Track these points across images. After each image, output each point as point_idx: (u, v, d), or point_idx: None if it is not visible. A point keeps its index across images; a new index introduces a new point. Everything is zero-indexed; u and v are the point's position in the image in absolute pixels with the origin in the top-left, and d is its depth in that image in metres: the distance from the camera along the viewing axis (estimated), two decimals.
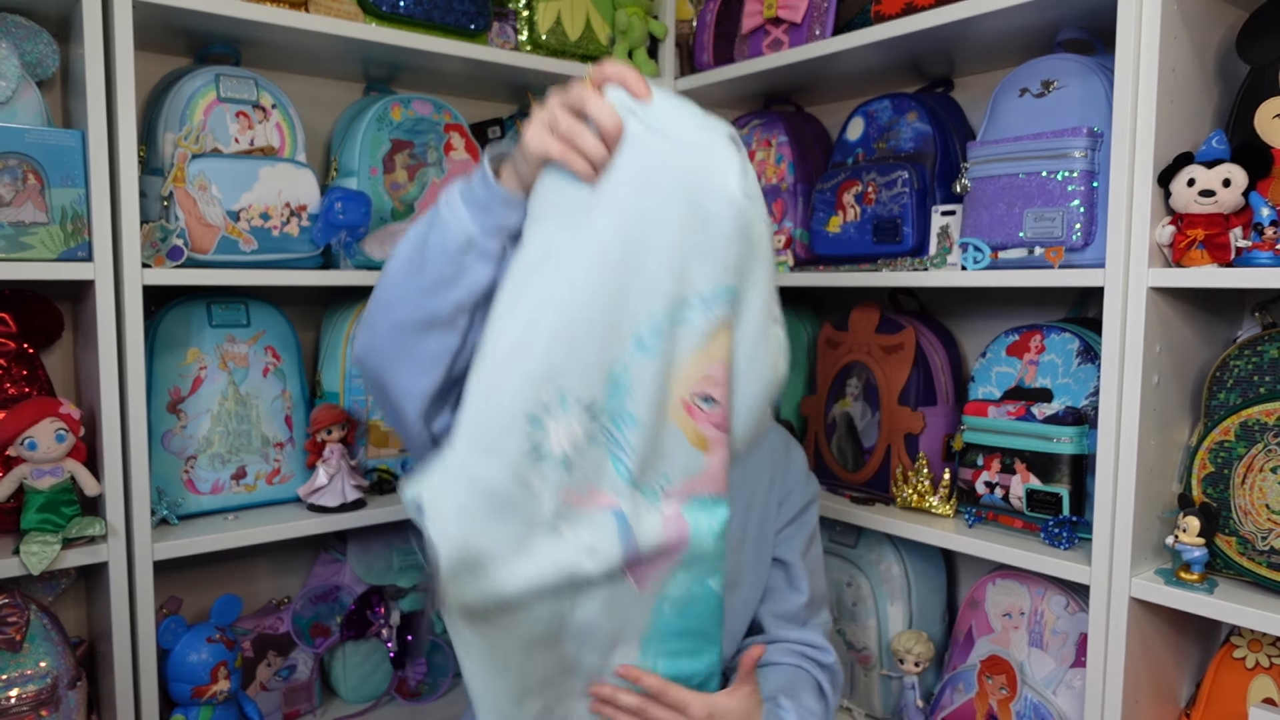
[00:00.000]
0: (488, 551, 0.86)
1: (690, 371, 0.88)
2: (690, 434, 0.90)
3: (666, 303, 0.85)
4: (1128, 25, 1.14)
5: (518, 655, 0.91)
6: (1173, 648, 1.27)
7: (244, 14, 1.32)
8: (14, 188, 1.20)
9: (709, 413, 0.89)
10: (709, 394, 0.89)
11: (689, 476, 0.91)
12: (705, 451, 0.91)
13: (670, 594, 0.94)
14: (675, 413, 0.89)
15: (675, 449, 0.90)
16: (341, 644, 1.62)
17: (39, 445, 1.24)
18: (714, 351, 0.88)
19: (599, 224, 0.84)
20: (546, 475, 0.86)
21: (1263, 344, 1.21)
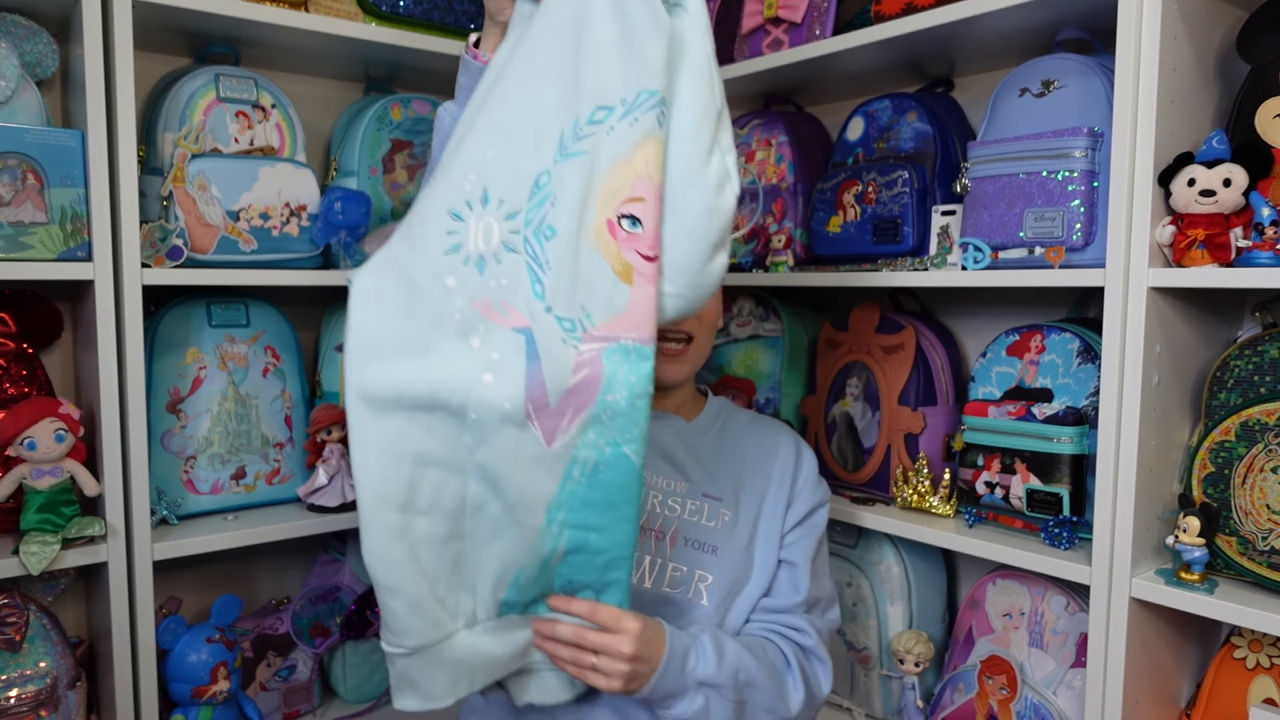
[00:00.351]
0: (392, 339, 0.86)
1: (614, 185, 0.84)
2: (614, 261, 0.85)
3: (589, 105, 0.83)
4: (1128, 25, 1.14)
5: (409, 464, 0.89)
6: (1173, 648, 1.27)
7: (244, 14, 1.32)
8: (13, 188, 1.20)
9: (634, 235, 0.84)
10: (634, 214, 0.83)
11: (611, 316, 0.86)
12: (630, 284, 0.85)
13: (580, 456, 0.89)
14: (599, 234, 0.85)
15: (598, 279, 0.85)
16: (341, 644, 1.62)
17: (38, 445, 1.24)
18: (639, 164, 0.83)
19: (536, 31, 0.86)
20: (462, 276, 0.86)
21: (1263, 344, 1.21)
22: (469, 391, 0.87)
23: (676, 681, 1.01)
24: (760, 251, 1.71)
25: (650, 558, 1.13)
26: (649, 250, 0.84)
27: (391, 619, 0.92)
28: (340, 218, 1.41)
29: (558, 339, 0.86)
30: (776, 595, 1.17)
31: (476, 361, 0.87)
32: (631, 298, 0.85)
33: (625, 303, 0.86)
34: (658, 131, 0.82)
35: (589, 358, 0.86)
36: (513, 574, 0.95)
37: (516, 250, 0.86)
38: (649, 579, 1.12)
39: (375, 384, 0.86)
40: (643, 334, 0.86)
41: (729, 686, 1.04)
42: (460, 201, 0.86)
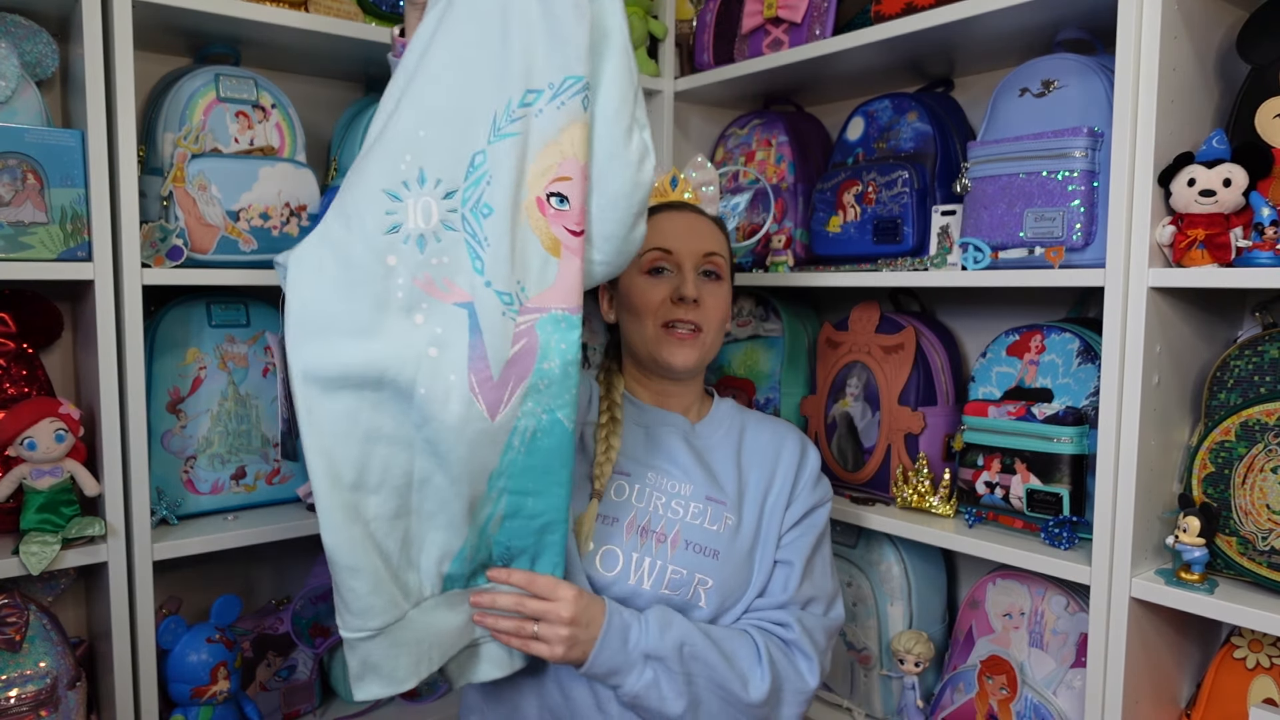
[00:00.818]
0: (336, 318, 0.88)
1: (542, 165, 0.88)
2: (543, 236, 0.90)
3: (519, 89, 0.88)
4: (1128, 25, 1.14)
5: (359, 442, 0.91)
6: (1173, 648, 1.27)
7: (244, 14, 1.32)
8: (13, 187, 1.20)
9: (561, 212, 0.89)
10: (561, 192, 0.89)
11: (543, 289, 0.91)
12: (558, 258, 0.90)
13: (521, 426, 0.93)
14: (530, 211, 0.89)
15: (530, 253, 0.90)
16: (341, 644, 1.62)
17: (38, 445, 1.24)
18: (565, 146, 0.88)
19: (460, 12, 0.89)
20: (403, 255, 0.88)
21: (1263, 344, 1.21)
22: (417, 367, 0.89)
23: (619, 654, 1.03)
24: (760, 251, 1.71)
25: (651, 559, 1.13)
26: (575, 225, 0.89)
27: (353, 599, 0.94)
28: None
29: (498, 312, 0.89)
30: (768, 593, 1.17)
31: (421, 337, 0.89)
32: (560, 270, 0.90)
33: (554, 275, 0.91)
34: (582, 115, 0.87)
35: (525, 329, 0.91)
36: (456, 547, 0.97)
37: (455, 228, 0.89)
38: (648, 580, 1.12)
39: (321, 363, 0.88)
40: (570, 304, 0.91)
41: (674, 658, 1.04)
42: (397, 182, 0.89)
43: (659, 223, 1.21)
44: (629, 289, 1.21)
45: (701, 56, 1.78)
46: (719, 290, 1.23)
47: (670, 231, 1.21)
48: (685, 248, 1.20)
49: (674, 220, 1.23)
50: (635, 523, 1.15)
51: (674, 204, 1.27)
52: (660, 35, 1.81)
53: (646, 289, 1.19)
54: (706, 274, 1.22)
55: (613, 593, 1.11)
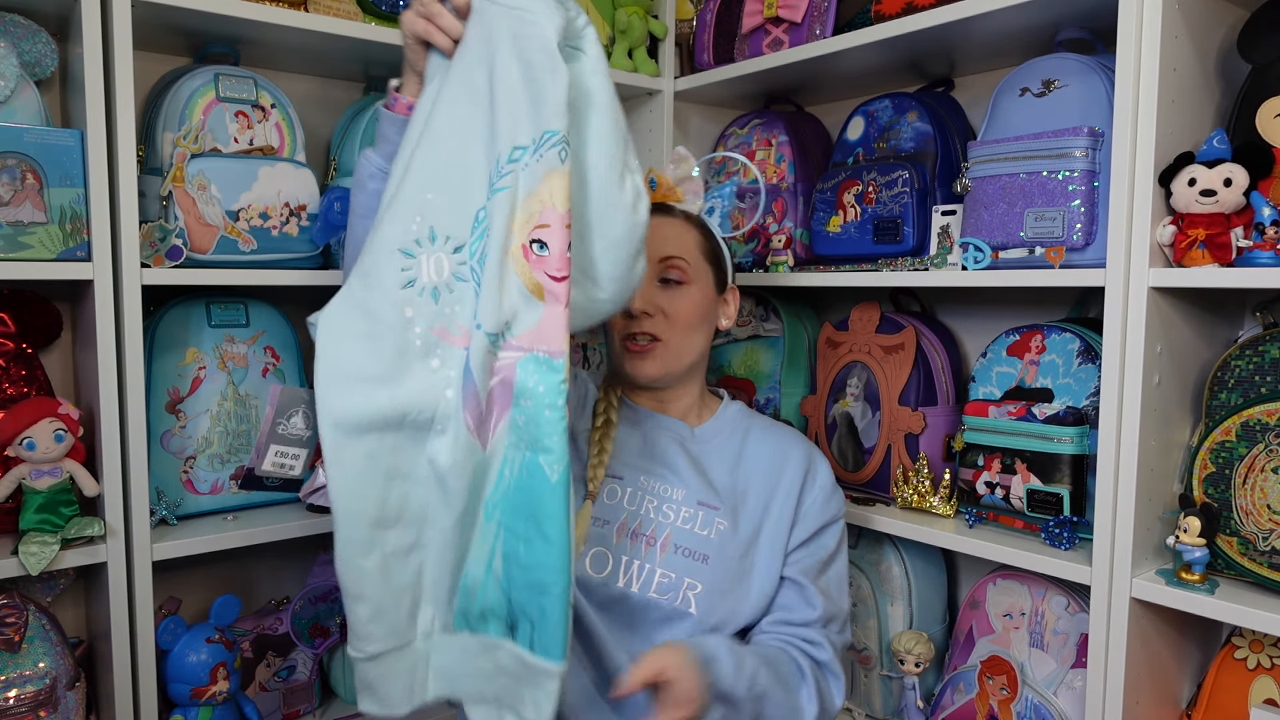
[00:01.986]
0: (362, 368, 0.95)
1: (528, 214, 0.93)
2: (527, 280, 0.94)
3: (507, 146, 0.94)
4: (1129, 24, 1.13)
5: (380, 480, 0.96)
6: (1174, 648, 1.26)
7: (243, 13, 1.32)
8: (13, 187, 1.20)
9: (541, 258, 0.93)
10: (541, 239, 0.93)
11: (528, 330, 0.95)
12: (542, 301, 0.94)
13: (508, 457, 0.97)
14: (516, 258, 0.94)
15: (516, 296, 0.95)
16: (341, 644, 1.62)
17: (38, 445, 1.23)
18: (544, 195, 0.92)
19: (454, 81, 0.97)
20: (419, 306, 0.96)
21: (1264, 344, 1.21)
22: (435, 407, 0.96)
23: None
24: (760, 251, 1.70)
25: (640, 562, 1.13)
26: (555, 271, 0.93)
27: (355, 623, 0.99)
28: (340, 218, 1.40)
29: (484, 350, 0.95)
30: (791, 610, 1.17)
31: (439, 380, 0.96)
32: (543, 314, 0.94)
33: (538, 318, 0.94)
34: (560, 166, 0.92)
35: (505, 364, 0.96)
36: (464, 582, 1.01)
37: (465, 279, 0.97)
38: (636, 583, 1.12)
39: (348, 410, 0.95)
40: (552, 346, 0.94)
41: (745, 698, 1.04)
42: (410, 241, 0.96)
43: None
44: None
45: (701, 56, 1.77)
46: (681, 295, 1.20)
47: None
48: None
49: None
50: (626, 526, 1.15)
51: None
52: (660, 35, 1.81)
53: None
54: (665, 281, 1.20)
55: (602, 595, 1.12)
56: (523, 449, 0.96)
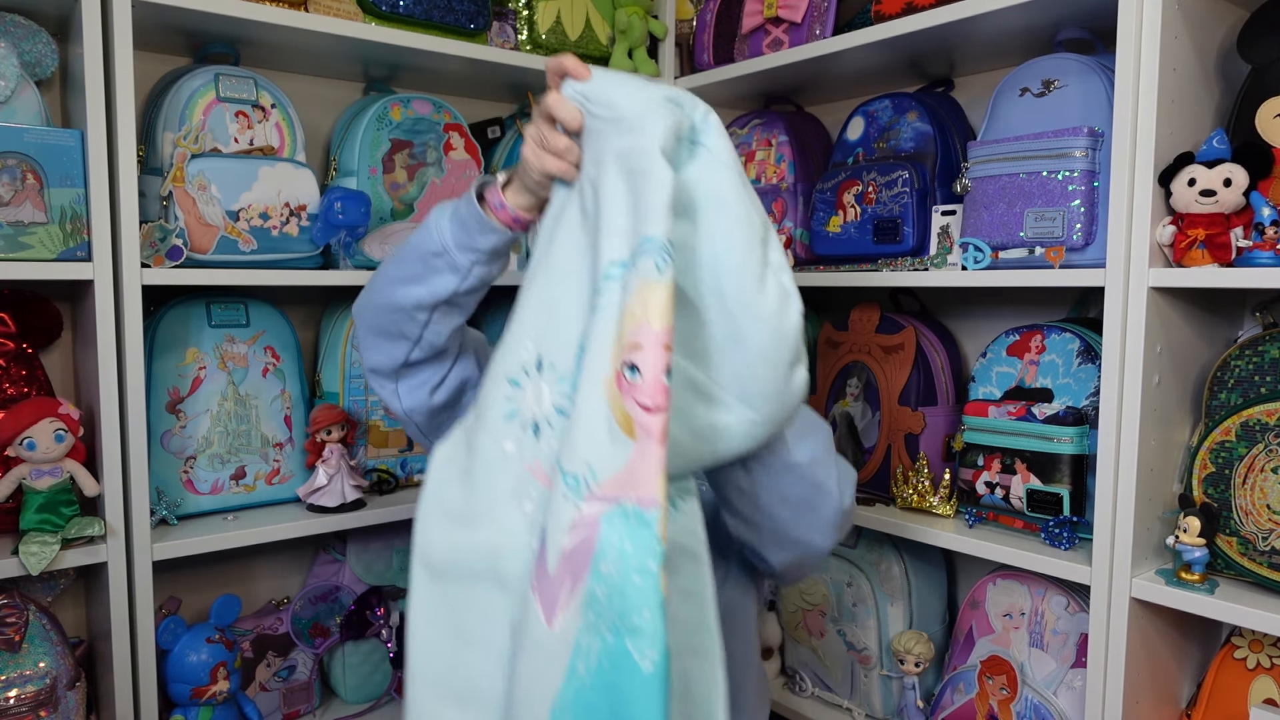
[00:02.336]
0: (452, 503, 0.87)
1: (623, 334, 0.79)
2: (617, 412, 0.77)
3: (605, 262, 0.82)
4: (1128, 25, 1.13)
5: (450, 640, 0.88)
6: (1173, 648, 1.26)
7: (244, 14, 1.32)
8: (13, 187, 1.20)
9: (633, 384, 0.76)
10: (633, 362, 0.76)
11: (614, 473, 0.76)
12: (632, 439, 0.76)
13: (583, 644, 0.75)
14: (609, 386, 0.78)
15: (603, 432, 0.78)
16: (341, 644, 1.62)
17: (38, 445, 1.23)
18: (638, 310, 0.77)
19: (570, 204, 0.89)
20: (520, 440, 0.85)
21: (1263, 344, 1.21)
22: (518, 558, 0.83)
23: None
24: None
25: None
26: (648, 400, 0.75)
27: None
28: (340, 218, 1.41)
29: (561, 497, 0.78)
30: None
31: (528, 527, 0.84)
32: (632, 453, 0.76)
33: (626, 459, 0.76)
34: (656, 277, 0.77)
35: (588, 519, 0.76)
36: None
37: (566, 413, 0.83)
38: None
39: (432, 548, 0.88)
40: (644, 494, 0.74)
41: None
42: (518, 369, 0.87)
43: None
44: None
45: (701, 56, 1.77)
46: None
47: None
48: None
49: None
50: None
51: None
52: (660, 35, 1.81)
53: None
54: None
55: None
56: (602, 632, 0.74)
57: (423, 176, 1.59)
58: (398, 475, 1.60)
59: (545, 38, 1.67)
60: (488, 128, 1.76)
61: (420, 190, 1.59)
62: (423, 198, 1.58)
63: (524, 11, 1.67)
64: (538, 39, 1.67)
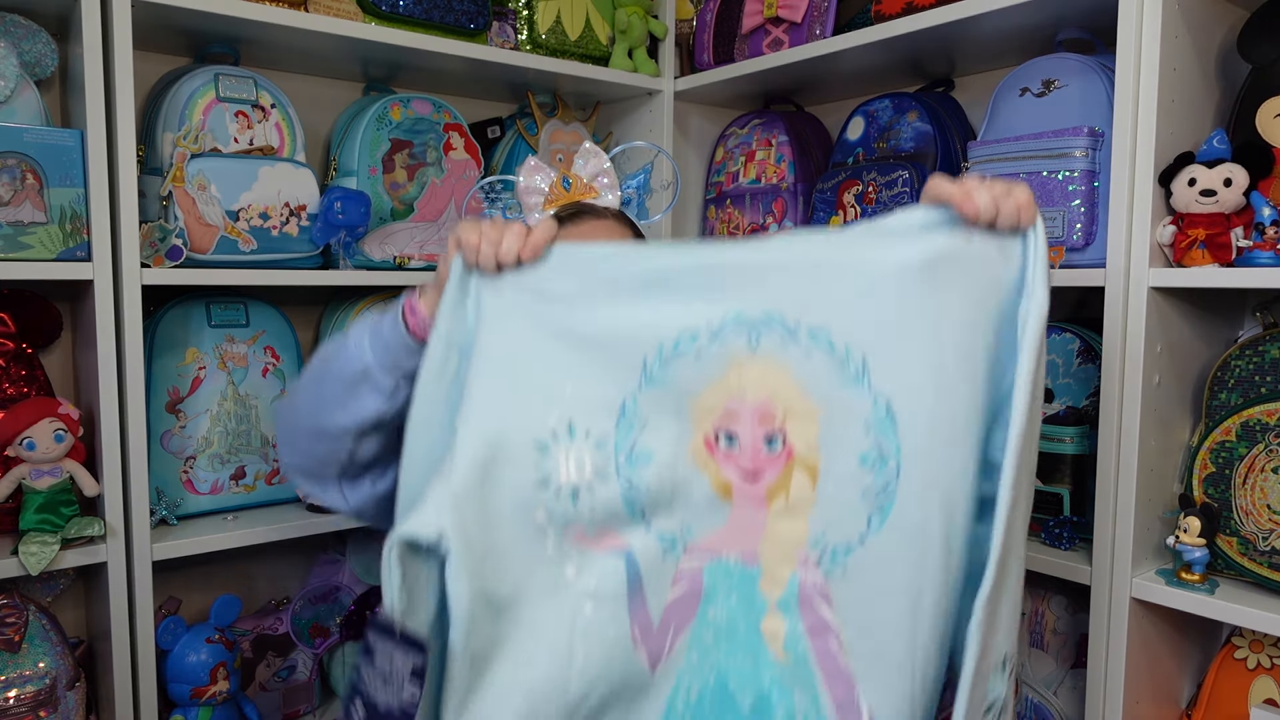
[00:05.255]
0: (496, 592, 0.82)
1: (706, 405, 0.83)
2: (712, 477, 0.83)
3: (674, 333, 0.82)
4: (1128, 25, 1.13)
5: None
6: (1174, 648, 1.26)
7: (243, 14, 1.32)
8: (13, 187, 1.20)
9: (730, 454, 0.82)
10: (730, 430, 0.82)
11: (714, 530, 0.83)
12: (730, 501, 0.83)
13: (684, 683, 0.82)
14: (696, 452, 0.83)
15: (697, 495, 0.83)
16: (341, 644, 1.62)
17: (38, 445, 1.23)
18: (733, 383, 0.81)
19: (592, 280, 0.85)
20: (552, 510, 0.83)
21: (1264, 344, 1.21)
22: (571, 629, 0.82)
23: None
24: None
25: None
26: (750, 466, 0.82)
27: None
28: (340, 218, 1.41)
29: (658, 555, 0.83)
30: None
31: (574, 593, 0.83)
32: (732, 515, 0.82)
33: (726, 519, 0.83)
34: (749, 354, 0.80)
35: (690, 571, 0.83)
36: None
37: (610, 479, 0.83)
38: None
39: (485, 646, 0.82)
40: (746, 550, 0.82)
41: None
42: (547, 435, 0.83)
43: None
44: None
45: (701, 56, 1.77)
46: None
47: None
48: None
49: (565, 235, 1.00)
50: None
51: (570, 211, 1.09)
52: (660, 35, 1.81)
53: None
54: None
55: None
56: (705, 673, 0.82)
57: (423, 176, 1.59)
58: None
59: (545, 38, 1.67)
60: (487, 128, 1.76)
61: (420, 190, 1.59)
62: (423, 198, 1.58)
63: (524, 11, 1.67)
64: (537, 39, 1.67)
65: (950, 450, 0.79)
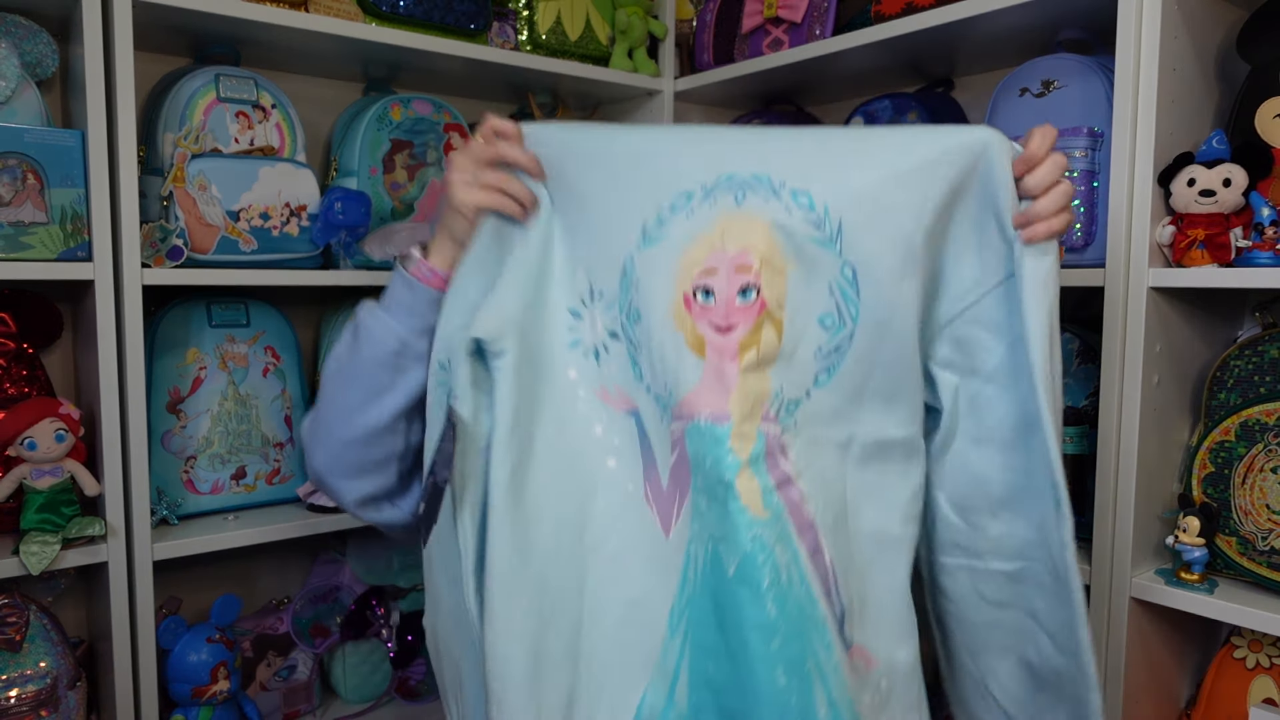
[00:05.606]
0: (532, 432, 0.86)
1: (691, 259, 0.84)
2: (688, 334, 0.84)
3: (670, 194, 0.85)
4: (1128, 25, 1.13)
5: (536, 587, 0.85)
6: (1173, 648, 1.26)
7: (244, 14, 1.32)
8: (13, 188, 1.20)
9: (706, 307, 0.83)
10: (708, 285, 0.83)
11: (689, 391, 0.83)
12: (702, 358, 0.83)
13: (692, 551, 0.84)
14: (676, 310, 0.85)
15: (673, 354, 0.84)
16: (341, 644, 1.62)
17: (38, 445, 1.24)
18: (716, 239, 0.83)
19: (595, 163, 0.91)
20: (583, 368, 0.89)
21: (1263, 344, 1.21)
22: (595, 479, 0.87)
23: None
24: None
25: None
26: (722, 320, 0.83)
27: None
28: (340, 218, 1.41)
29: (657, 418, 0.86)
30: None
31: (601, 448, 0.88)
32: (704, 372, 0.83)
33: (699, 377, 0.83)
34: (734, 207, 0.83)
35: (678, 436, 0.85)
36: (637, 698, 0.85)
37: (618, 336, 0.88)
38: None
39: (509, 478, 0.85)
40: (717, 409, 0.82)
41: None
42: (576, 299, 0.90)
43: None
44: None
45: (701, 56, 1.78)
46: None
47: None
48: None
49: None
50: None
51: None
52: (660, 35, 1.81)
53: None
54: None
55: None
56: (705, 541, 0.83)
57: (423, 176, 1.59)
58: None
59: (545, 38, 1.68)
60: None
61: (420, 190, 1.59)
62: (423, 198, 1.59)
63: (524, 12, 1.67)
64: (538, 39, 1.67)
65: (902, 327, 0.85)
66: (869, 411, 0.87)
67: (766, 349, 0.83)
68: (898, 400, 0.88)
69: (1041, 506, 0.87)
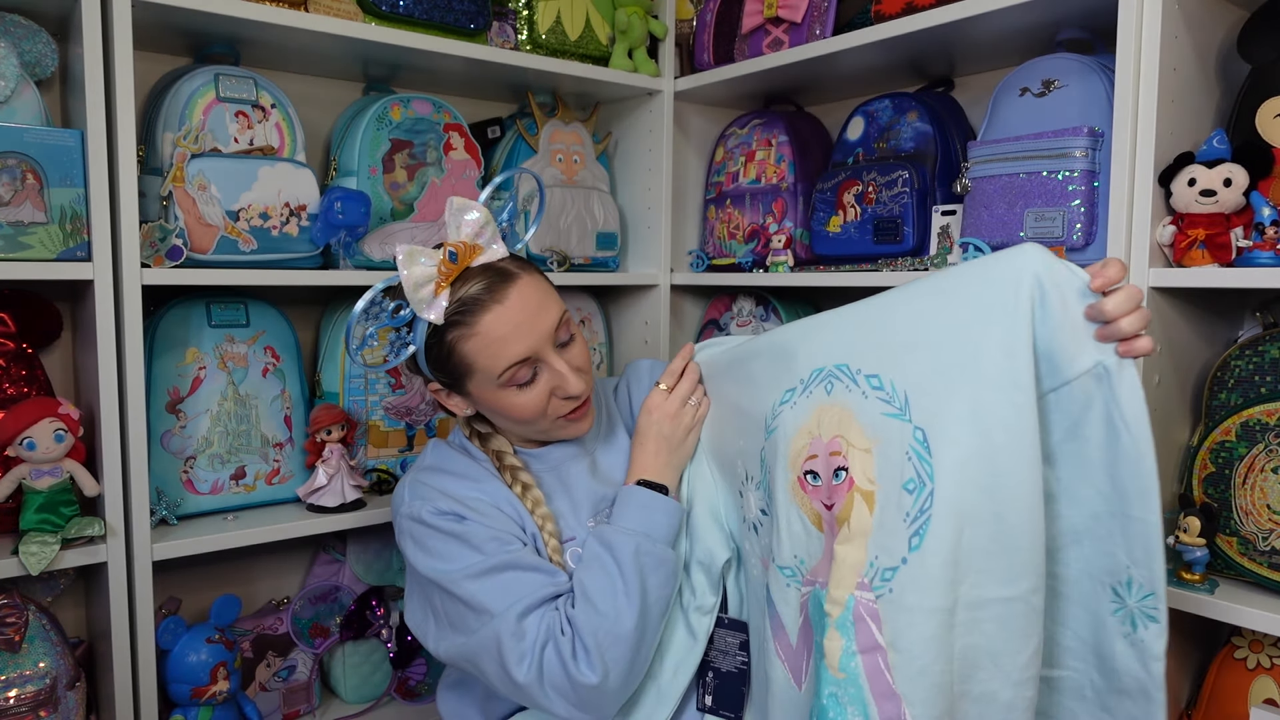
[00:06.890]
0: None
1: (797, 448, 0.97)
2: (808, 511, 0.96)
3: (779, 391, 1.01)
4: (1128, 25, 1.13)
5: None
6: (1173, 648, 1.26)
7: (244, 14, 1.32)
8: (13, 187, 1.20)
9: (814, 488, 0.95)
10: (813, 470, 0.95)
11: (815, 562, 0.95)
12: (821, 532, 0.95)
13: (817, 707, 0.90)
14: (795, 491, 0.97)
15: (799, 529, 0.97)
16: (341, 644, 1.62)
17: (38, 445, 1.23)
18: (814, 426, 0.96)
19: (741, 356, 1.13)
20: (752, 541, 1.06)
21: (1264, 344, 1.21)
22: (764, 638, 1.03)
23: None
24: (760, 252, 1.70)
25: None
26: (827, 499, 0.94)
27: None
28: (340, 218, 1.41)
29: (782, 584, 0.98)
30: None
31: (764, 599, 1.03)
32: (824, 544, 0.94)
33: (821, 549, 0.95)
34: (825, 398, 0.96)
35: (804, 600, 0.96)
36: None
37: (767, 512, 1.02)
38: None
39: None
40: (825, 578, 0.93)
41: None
42: (740, 482, 1.08)
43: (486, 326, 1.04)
44: (502, 406, 1.09)
45: (701, 56, 1.78)
46: (578, 343, 1.12)
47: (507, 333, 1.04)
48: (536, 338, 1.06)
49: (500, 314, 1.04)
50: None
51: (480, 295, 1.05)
52: (660, 35, 1.81)
53: (524, 402, 1.08)
54: (564, 344, 1.10)
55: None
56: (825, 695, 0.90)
57: (423, 176, 1.59)
58: (398, 475, 1.60)
59: (545, 38, 1.67)
60: (487, 128, 1.76)
61: (420, 190, 1.59)
62: (423, 198, 1.58)
63: (524, 11, 1.67)
64: (537, 39, 1.67)
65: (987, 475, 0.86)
66: (971, 571, 0.86)
67: (858, 522, 0.91)
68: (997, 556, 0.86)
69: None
